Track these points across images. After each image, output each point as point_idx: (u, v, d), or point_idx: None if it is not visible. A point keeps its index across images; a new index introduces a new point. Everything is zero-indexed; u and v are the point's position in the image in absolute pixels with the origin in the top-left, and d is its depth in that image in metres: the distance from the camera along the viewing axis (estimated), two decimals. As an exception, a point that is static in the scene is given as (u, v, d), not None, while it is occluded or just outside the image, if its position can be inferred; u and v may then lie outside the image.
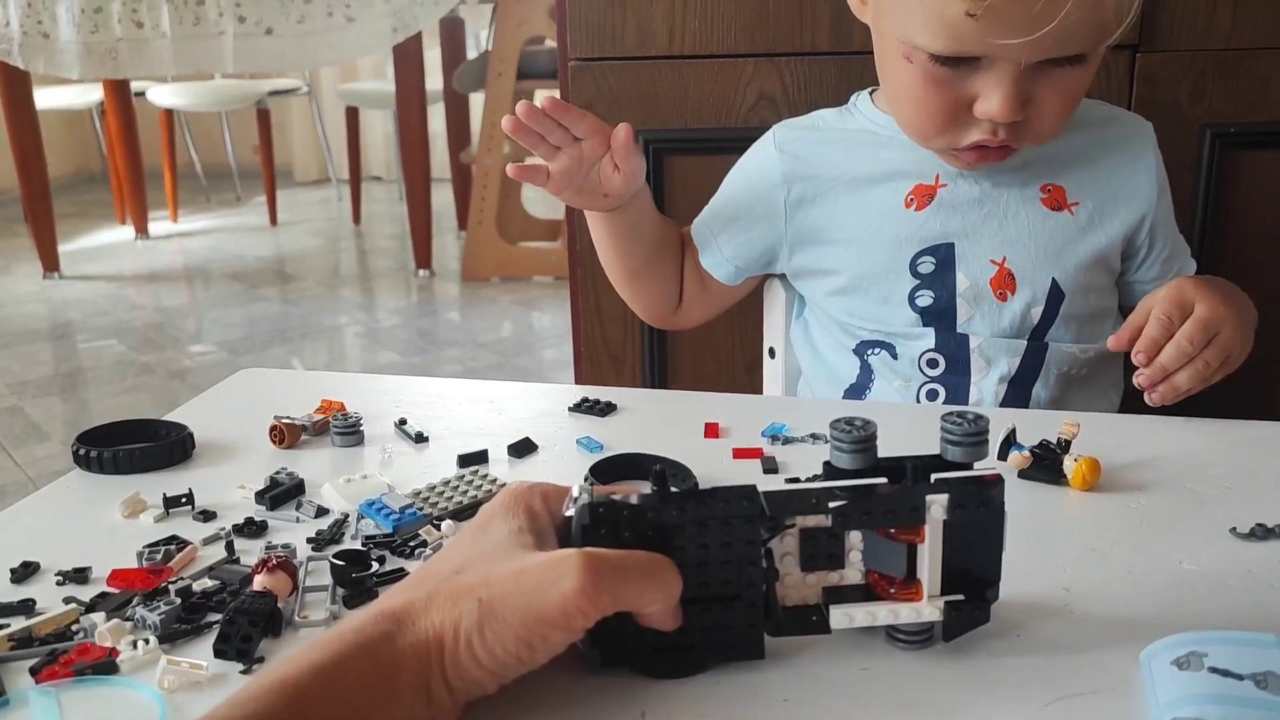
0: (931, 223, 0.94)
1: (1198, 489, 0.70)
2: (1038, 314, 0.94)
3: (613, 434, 0.82)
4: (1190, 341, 0.79)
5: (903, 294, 0.95)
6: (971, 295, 0.94)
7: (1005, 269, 0.94)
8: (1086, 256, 0.94)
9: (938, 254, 0.94)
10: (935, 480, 0.51)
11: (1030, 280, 0.94)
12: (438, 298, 3.66)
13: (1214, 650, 0.49)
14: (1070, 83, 0.85)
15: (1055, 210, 0.94)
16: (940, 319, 0.94)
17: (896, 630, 0.54)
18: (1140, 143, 0.97)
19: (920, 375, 0.96)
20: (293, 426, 0.81)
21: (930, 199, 0.94)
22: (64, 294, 3.70)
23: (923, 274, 0.94)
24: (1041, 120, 0.86)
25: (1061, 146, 0.94)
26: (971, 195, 0.94)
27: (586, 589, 0.46)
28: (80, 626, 0.58)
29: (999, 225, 0.94)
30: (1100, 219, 0.95)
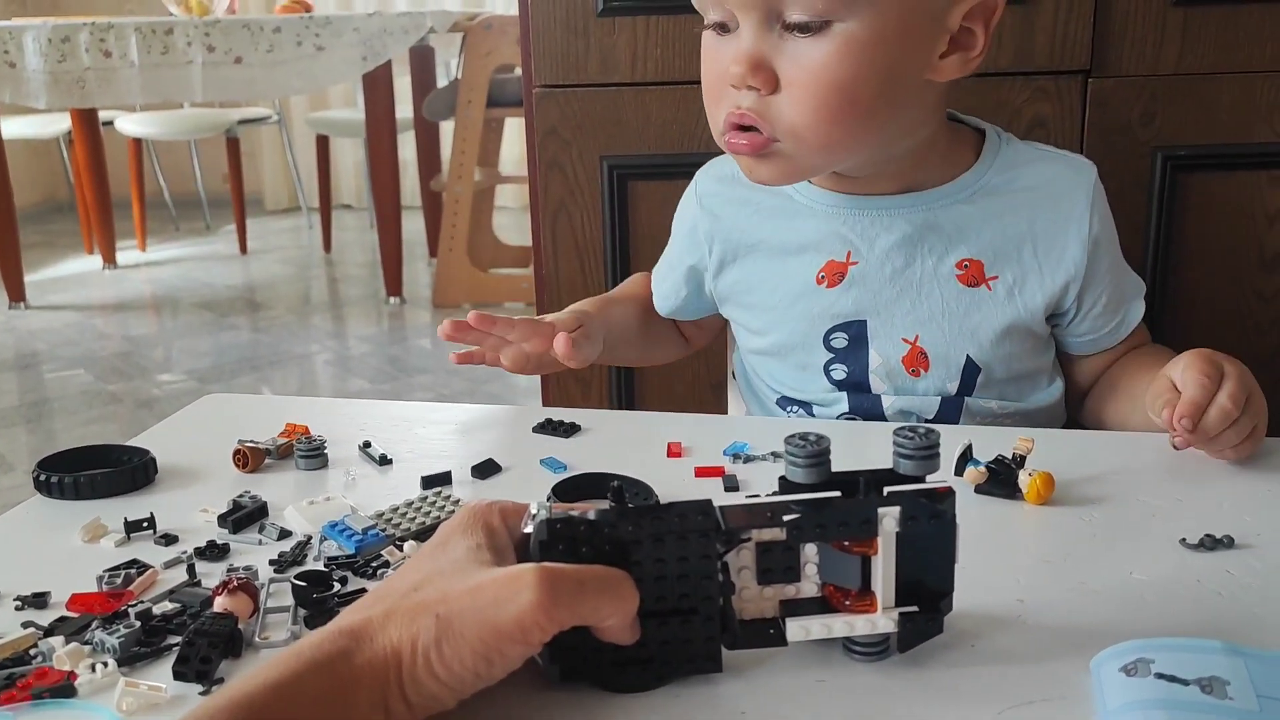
0: (843, 300, 0.92)
1: (1149, 502, 0.72)
2: (954, 388, 0.93)
3: (576, 454, 0.82)
4: (1233, 401, 0.75)
5: (818, 364, 0.94)
6: (884, 372, 0.93)
7: (918, 348, 0.92)
8: (1003, 330, 0.91)
9: (850, 330, 0.93)
10: (887, 493, 0.52)
11: (944, 359, 0.92)
12: (408, 325, 3.66)
13: (1161, 657, 0.50)
14: (813, 59, 0.78)
15: (971, 286, 0.91)
16: (855, 390, 0.94)
17: (853, 642, 0.55)
18: (1071, 205, 0.91)
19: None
20: (256, 450, 0.81)
21: (841, 277, 0.92)
22: (30, 324, 3.66)
23: (836, 348, 0.94)
24: (790, 103, 0.80)
25: (980, 215, 0.91)
26: (883, 274, 0.92)
27: (543, 603, 0.47)
28: (38, 650, 0.57)
29: (911, 304, 0.92)
30: (1020, 290, 0.91)
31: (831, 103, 0.80)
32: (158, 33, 3.21)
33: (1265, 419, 0.79)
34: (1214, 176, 1.19)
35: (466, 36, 3.46)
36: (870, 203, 0.91)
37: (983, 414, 0.94)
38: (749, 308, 0.98)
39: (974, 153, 0.92)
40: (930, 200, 0.91)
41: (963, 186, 0.91)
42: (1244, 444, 0.77)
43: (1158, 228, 1.20)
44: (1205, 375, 0.77)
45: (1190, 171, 1.19)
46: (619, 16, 1.22)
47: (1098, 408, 0.97)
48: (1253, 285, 1.23)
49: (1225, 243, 1.22)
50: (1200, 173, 1.19)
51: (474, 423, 0.90)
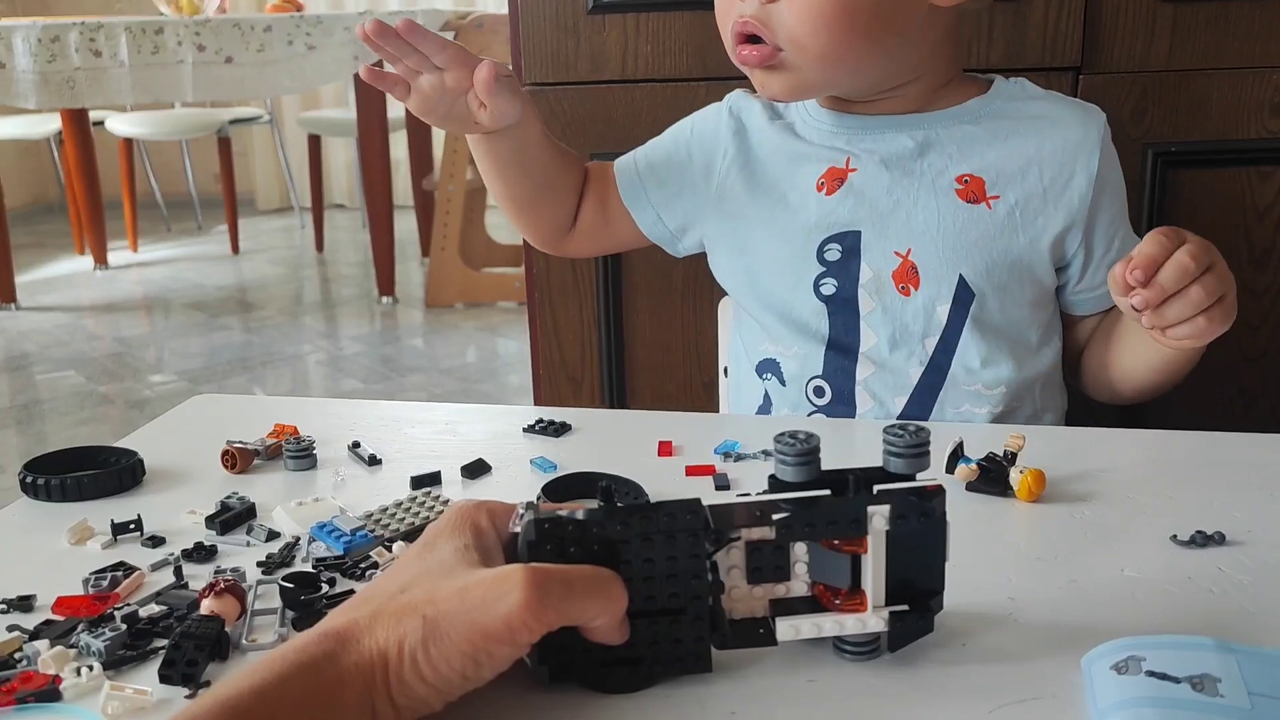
0: (840, 209, 0.92)
1: (1140, 499, 0.72)
2: (944, 313, 0.91)
3: (567, 454, 0.82)
4: (1192, 258, 0.75)
5: (809, 280, 0.93)
6: (874, 287, 0.92)
7: (909, 262, 0.91)
8: (1002, 255, 0.90)
9: (844, 242, 0.92)
10: (877, 491, 0.52)
11: (934, 275, 0.90)
12: (401, 325, 3.65)
13: (1152, 654, 0.50)
14: None
15: (971, 203, 0.90)
16: (844, 308, 0.93)
17: (843, 641, 0.54)
18: (1081, 139, 0.91)
19: (806, 404, 0.95)
20: (244, 451, 0.81)
21: (840, 183, 0.93)
22: (20, 325, 3.65)
23: (829, 261, 0.93)
24: (791, 11, 0.83)
25: (986, 135, 0.92)
26: (881, 182, 0.92)
27: (531, 603, 0.46)
28: (23, 654, 0.57)
29: (906, 215, 0.91)
30: (1023, 217, 0.90)
31: (829, 12, 0.83)
32: (148, 32, 3.20)
33: (1233, 290, 0.79)
34: (1204, 173, 1.19)
35: (458, 36, 3.45)
36: (873, 121, 0.93)
37: (959, 401, 0.92)
38: (746, 219, 0.97)
39: (984, 89, 0.95)
40: (934, 119, 0.92)
41: (969, 109, 0.93)
42: (1212, 310, 0.77)
43: (1148, 224, 1.20)
44: (1162, 234, 0.76)
45: (1181, 168, 1.19)
46: (609, 14, 1.22)
47: (1099, 352, 0.96)
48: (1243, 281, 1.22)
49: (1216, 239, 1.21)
50: (1191, 169, 1.19)
51: (464, 422, 0.90)
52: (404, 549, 0.67)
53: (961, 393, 0.92)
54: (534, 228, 1.04)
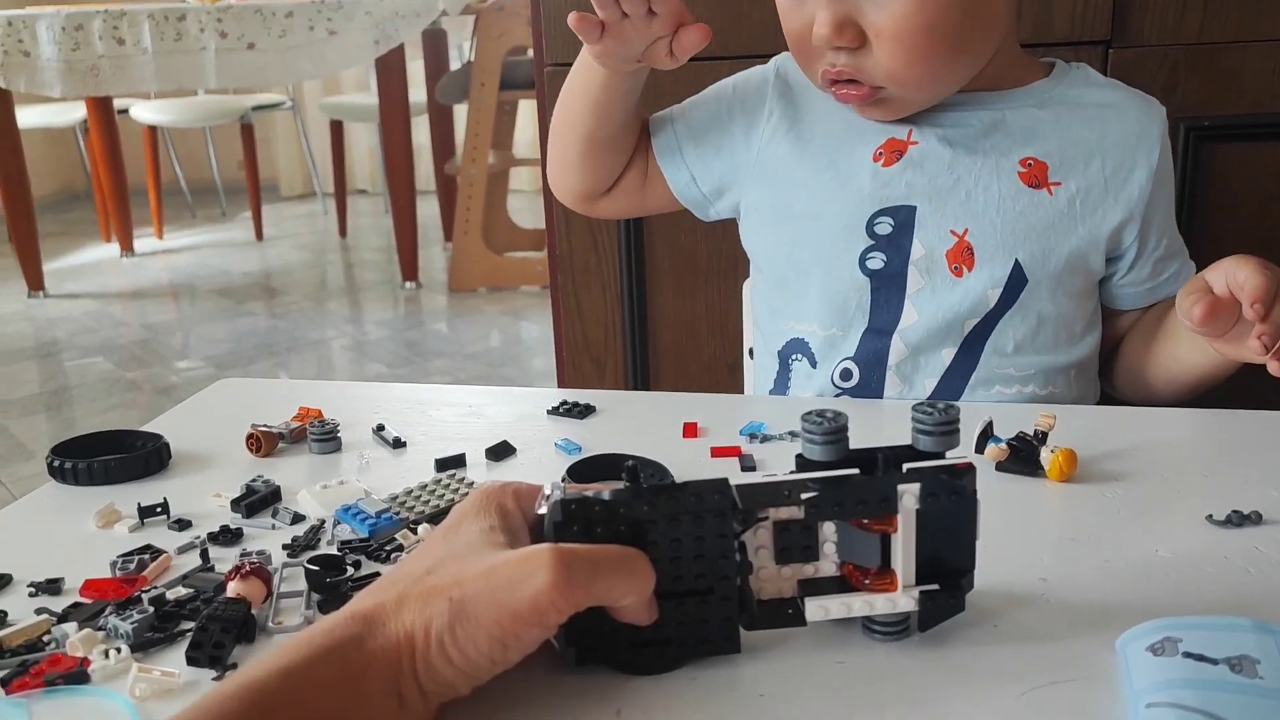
0: (897, 181, 0.89)
1: (1174, 478, 0.70)
2: (995, 297, 0.88)
3: (591, 436, 0.81)
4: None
5: (855, 253, 0.90)
6: (925, 265, 0.89)
7: (965, 242, 0.88)
8: (1060, 244, 0.88)
9: (897, 216, 0.89)
10: (907, 470, 0.51)
11: (991, 258, 0.88)
12: (425, 309, 3.66)
13: (1189, 635, 0.49)
14: (895, 8, 0.80)
15: (1033, 187, 0.88)
16: (889, 284, 0.90)
17: (872, 621, 0.54)
18: (1143, 131, 0.90)
19: (831, 388, 0.93)
20: (270, 434, 0.81)
21: (899, 155, 0.90)
22: (49, 313, 3.68)
23: (879, 235, 0.89)
24: (883, 53, 0.82)
25: (1051, 120, 0.90)
26: (942, 158, 0.89)
27: (558, 583, 0.46)
28: (52, 637, 0.57)
29: (966, 194, 0.88)
30: (1083, 207, 0.89)
31: (923, 45, 0.81)
32: (170, 19, 3.21)
33: None
34: (1237, 146, 1.17)
35: (479, 19, 3.44)
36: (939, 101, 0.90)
37: (990, 383, 0.90)
38: (791, 183, 0.93)
39: (1045, 72, 0.93)
40: (1001, 99, 0.90)
41: (1035, 91, 0.91)
42: None
43: (1181, 198, 1.18)
44: (1258, 264, 0.75)
45: (1214, 142, 1.17)
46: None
47: (1138, 350, 0.94)
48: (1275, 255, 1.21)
49: (1248, 212, 1.20)
50: (1224, 143, 1.17)
51: (488, 405, 0.89)
52: (429, 531, 0.67)
53: (993, 376, 0.90)
54: (587, 175, 0.99)
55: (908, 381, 0.91)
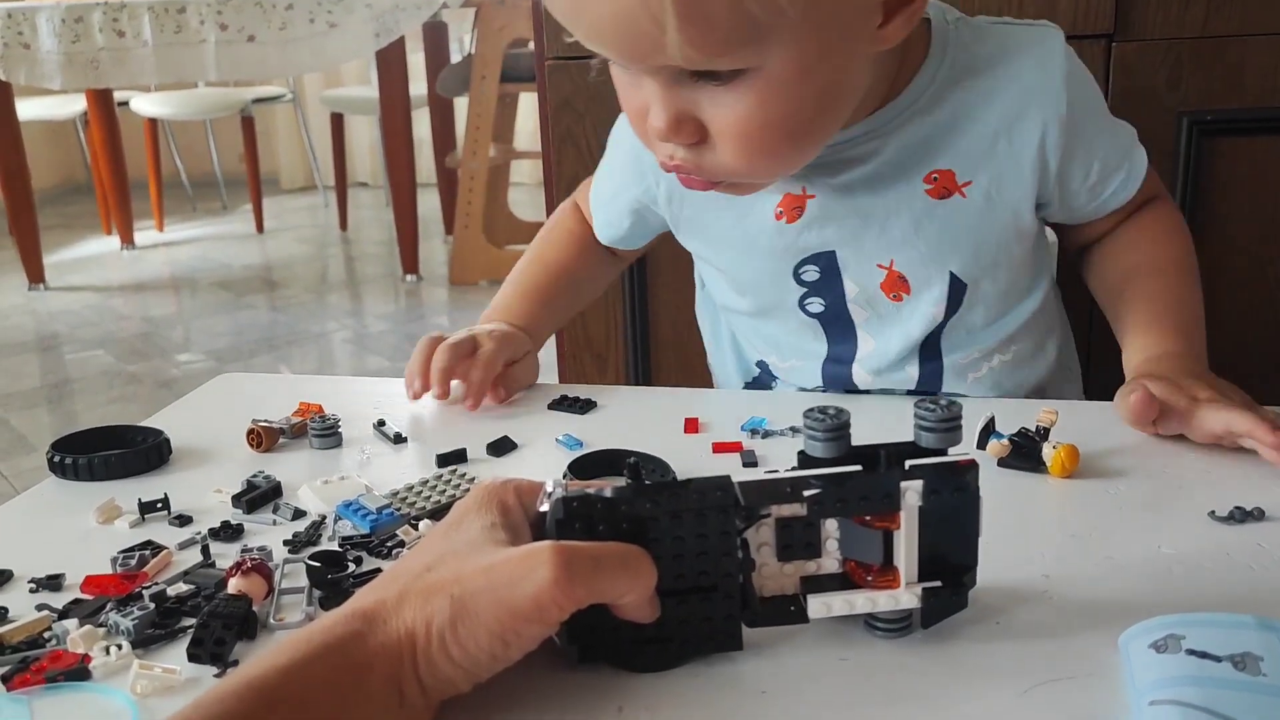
0: (807, 235, 0.84)
1: (1176, 474, 0.70)
2: (941, 311, 0.86)
3: (592, 431, 0.81)
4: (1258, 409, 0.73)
5: (792, 301, 0.88)
6: (864, 300, 0.86)
7: (894, 272, 0.85)
8: (987, 238, 0.83)
9: (820, 263, 0.85)
10: (909, 466, 0.51)
11: (924, 279, 0.85)
12: (425, 302, 3.66)
13: (1192, 632, 0.49)
14: (736, 110, 0.68)
15: (944, 198, 0.82)
16: (836, 322, 0.88)
17: (875, 618, 0.54)
18: (1040, 85, 0.80)
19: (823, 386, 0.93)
20: (270, 430, 0.81)
21: (800, 211, 0.84)
22: (49, 305, 3.68)
23: (808, 281, 0.87)
24: (724, 151, 0.71)
25: (946, 120, 0.81)
26: (845, 205, 0.83)
27: (560, 580, 0.46)
28: (52, 633, 0.57)
29: (880, 229, 0.83)
30: (998, 190, 0.82)
31: (769, 142, 0.71)
32: (170, 11, 3.20)
33: None
34: (1241, 141, 1.17)
35: (479, 11, 3.43)
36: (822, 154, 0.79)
37: (963, 371, 0.89)
38: (708, 243, 0.90)
39: (924, 51, 0.81)
40: (884, 123, 0.80)
41: (915, 94, 0.80)
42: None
43: (1183, 193, 1.18)
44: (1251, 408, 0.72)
45: (1217, 136, 1.17)
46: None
47: (1096, 286, 0.93)
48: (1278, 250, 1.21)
49: (1252, 207, 1.20)
50: (1227, 137, 1.17)
51: (488, 399, 0.89)
52: (430, 527, 0.67)
53: (961, 365, 0.90)
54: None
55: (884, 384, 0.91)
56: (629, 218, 0.95)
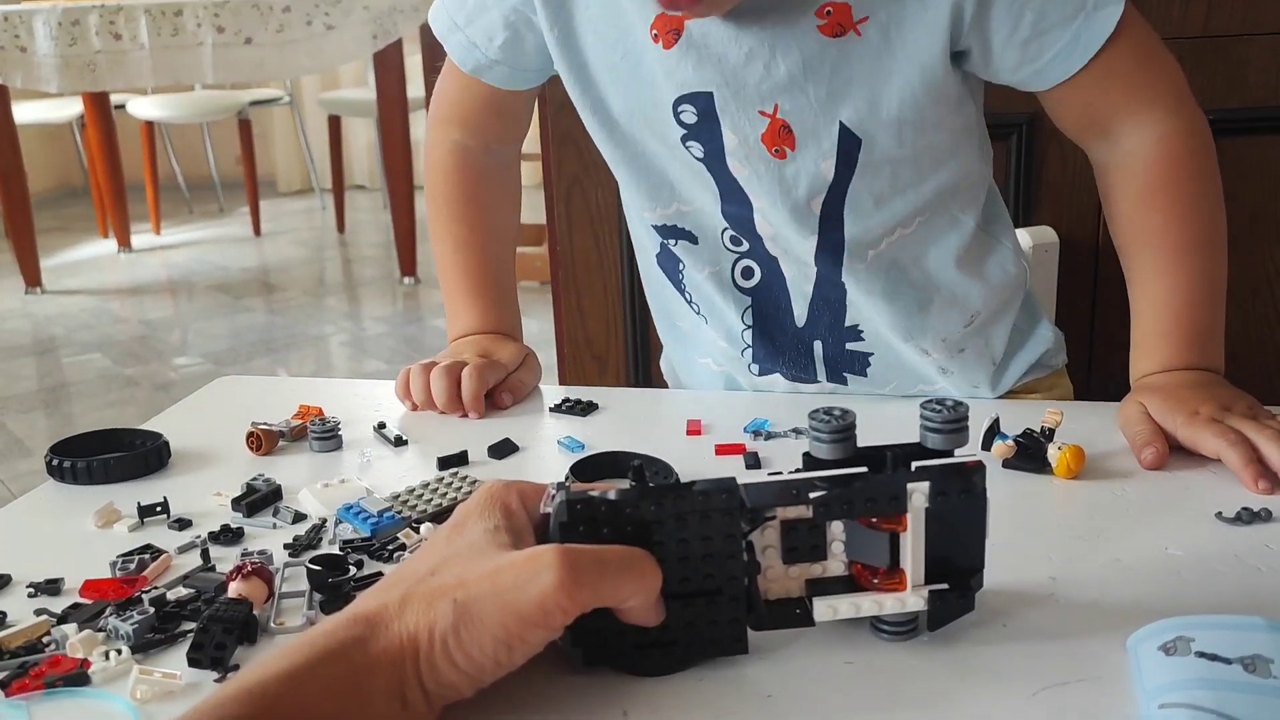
0: (683, 67, 0.77)
1: (1183, 474, 0.70)
2: (830, 169, 0.78)
3: (594, 433, 0.81)
4: (1262, 420, 0.71)
5: (675, 139, 0.81)
6: (743, 154, 0.79)
7: (778, 120, 0.77)
8: (885, 89, 0.75)
9: (697, 104, 0.78)
10: (916, 468, 0.51)
11: (811, 132, 0.77)
12: (423, 305, 3.65)
13: (1201, 635, 0.49)
14: None
15: (837, 36, 0.74)
16: (721, 171, 0.81)
17: (881, 621, 0.53)
18: None
19: (727, 253, 0.86)
20: (269, 433, 0.80)
21: (677, 35, 0.76)
22: (46, 309, 3.67)
23: (687, 124, 0.79)
24: None
25: None
26: (726, 32, 0.75)
27: (564, 584, 0.45)
28: (51, 638, 0.56)
29: (765, 68, 0.75)
30: (898, 30, 0.74)
31: None
32: (167, 14, 3.19)
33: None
34: (1243, 140, 1.17)
35: None
36: None
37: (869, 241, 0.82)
38: (587, 76, 0.83)
39: None
40: None
41: None
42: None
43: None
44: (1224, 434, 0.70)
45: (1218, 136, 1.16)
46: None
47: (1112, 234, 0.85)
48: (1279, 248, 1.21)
49: (1254, 206, 1.19)
50: (1229, 137, 1.16)
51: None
52: (432, 530, 0.66)
53: (867, 238, 0.82)
54: None
55: (792, 256, 0.84)
56: (503, 32, 0.85)
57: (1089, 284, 1.25)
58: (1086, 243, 1.25)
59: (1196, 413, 0.73)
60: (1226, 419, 0.72)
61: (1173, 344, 0.80)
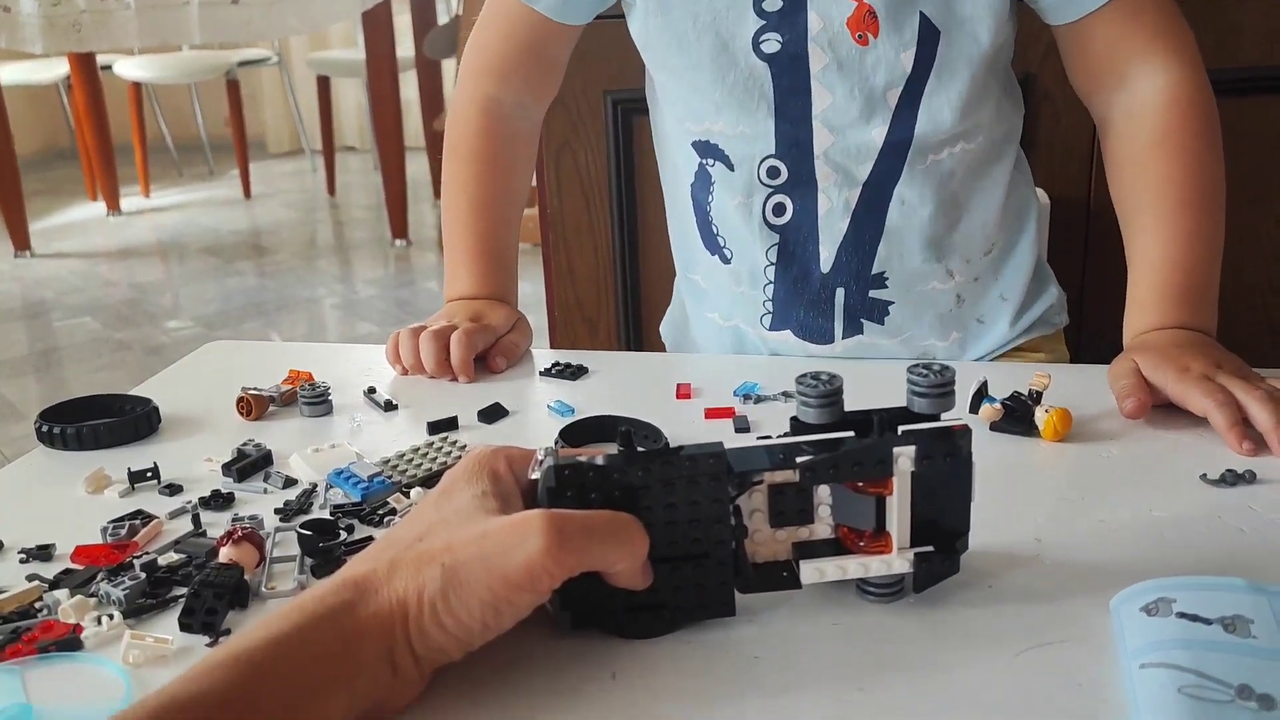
0: None
1: (1168, 437, 0.70)
2: (909, 60, 0.80)
3: (584, 397, 0.81)
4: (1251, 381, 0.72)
5: (746, 37, 0.82)
6: (825, 39, 0.80)
7: (865, 5, 0.79)
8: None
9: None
10: (902, 432, 0.51)
11: (894, 19, 0.80)
12: (415, 267, 3.64)
13: (1182, 596, 0.49)
14: None
15: None
16: (791, 67, 0.82)
17: (867, 583, 0.54)
18: None
19: (761, 187, 0.86)
20: (260, 398, 0.80)
21: None
22: (36, 273, 3.65)
23: (769, 12, 0.81)
24: None
25: None
26: None
27: (551, 549, 0.46)
28: (43, 604, 0.57)
29: None
30: None
31: None
32: (152, -27, 3.15)
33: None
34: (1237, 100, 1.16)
35: (467, -29, 3.39)
36: None
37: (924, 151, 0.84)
38: None
39: None
40: None
41: None
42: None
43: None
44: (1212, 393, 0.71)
45: (1212, 96, 1.16)
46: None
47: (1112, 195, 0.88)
48: (1273, 210, 1.20)
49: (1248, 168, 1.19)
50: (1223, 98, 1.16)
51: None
52: (422, 495, 0.67)
53: (929, 144, 0.84)
54: None
55: (841, 170, 0.85)
56: None
57: (1080, 247, 1.25)
58: (1078, 204, 1.25)
59: (1187, 369, 0.73)
60: (1217, 377, 0.73)
61: (1169, 301, 0.81)
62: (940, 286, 0.90)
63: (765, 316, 0.91)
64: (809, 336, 0.90)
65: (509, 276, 0.97)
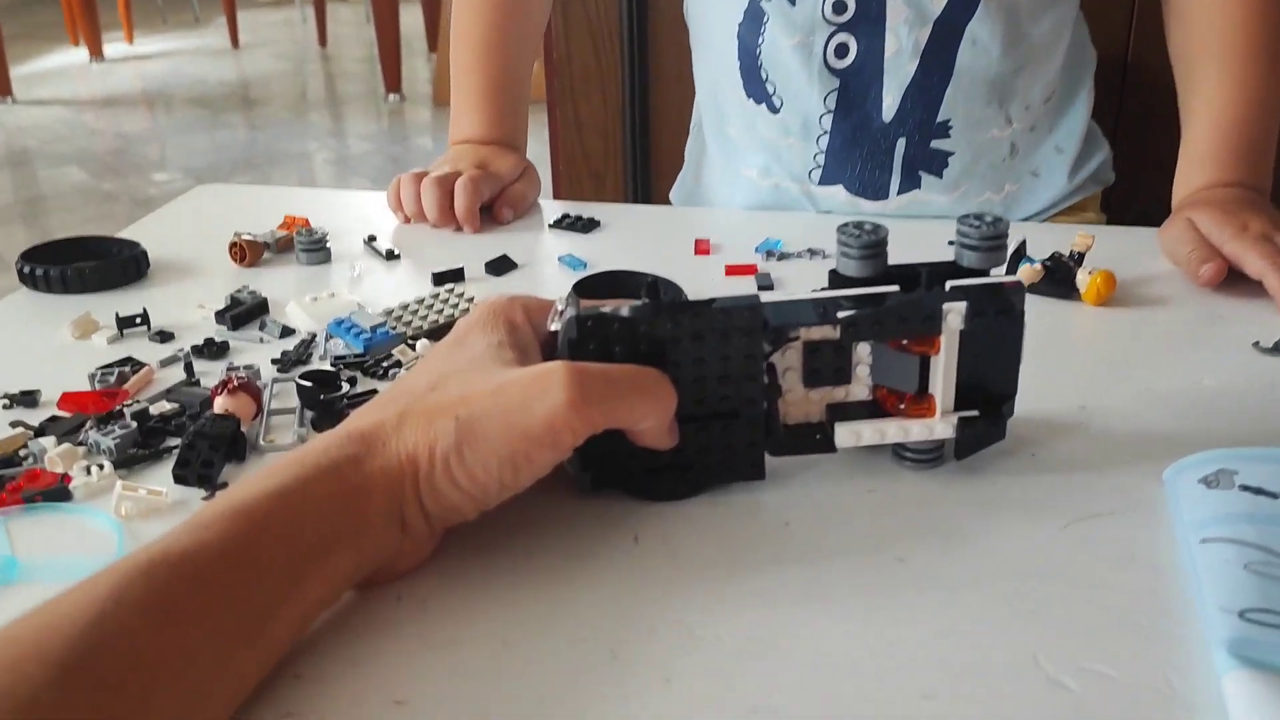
0: None
1: (1216, 303, 0.67)
2: None
3: (596, 251, 0.77)
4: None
5: None
6: None
7: None
8: None
9: None
10: (952, 287, 0.47)
11: None
12: (409, 122, 3.54)
13: (1245, 468, 0.46)
14: None
15: None
16: None
17: (905, 449, 0.51)
18: None
19: (824, 25, 0.81)
20: (254, 244, 0.76)
21: None
22: (18, 119, 3.55)
23: None
24: None
25: None
26: None
27: (574, 402, 0.42)
28: (29, 451, 0.54)
29: None
30: None
31: None
32: None
33: None
34: None
35: None
36: None
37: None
38: None
39: None
40: None
41: None
42: None
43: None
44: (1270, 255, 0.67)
45: None
46: None
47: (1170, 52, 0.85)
48: None
49: None
50: None
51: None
52: (429, 347, 0.63)
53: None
54: None
55: (912, 5, 0.80)
56: None
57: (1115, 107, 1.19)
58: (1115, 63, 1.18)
59: (1246, 227, 0.70)
60: (1276, 238, 0.69)
61: (1228, 157, 0.77)
62: (998, 135, 0.85)
63: (815, 171, 0.86)
64: (862, 191, 0.86)
65: (518, 121, 0.92)
